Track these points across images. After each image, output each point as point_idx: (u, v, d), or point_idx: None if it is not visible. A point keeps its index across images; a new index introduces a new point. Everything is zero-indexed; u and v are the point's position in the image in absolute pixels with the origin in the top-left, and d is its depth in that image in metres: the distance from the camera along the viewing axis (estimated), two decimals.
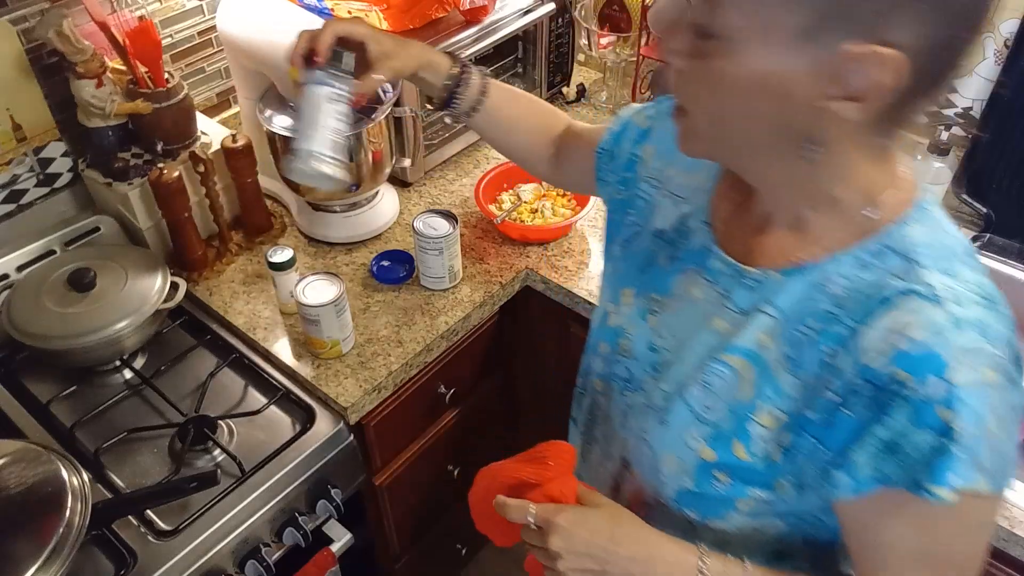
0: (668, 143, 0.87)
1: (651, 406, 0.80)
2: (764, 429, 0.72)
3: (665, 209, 0.86)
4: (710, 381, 0.75)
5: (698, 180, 0.84)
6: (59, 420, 1.26)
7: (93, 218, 1.44)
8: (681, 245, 0.83)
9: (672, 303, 0.82)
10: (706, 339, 0.77)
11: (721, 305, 0.76)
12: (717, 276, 0.78)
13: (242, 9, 1.44)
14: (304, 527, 1.22)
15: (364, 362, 1.32)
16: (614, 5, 1.81)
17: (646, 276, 0.86)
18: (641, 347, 0.84)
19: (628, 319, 0.86)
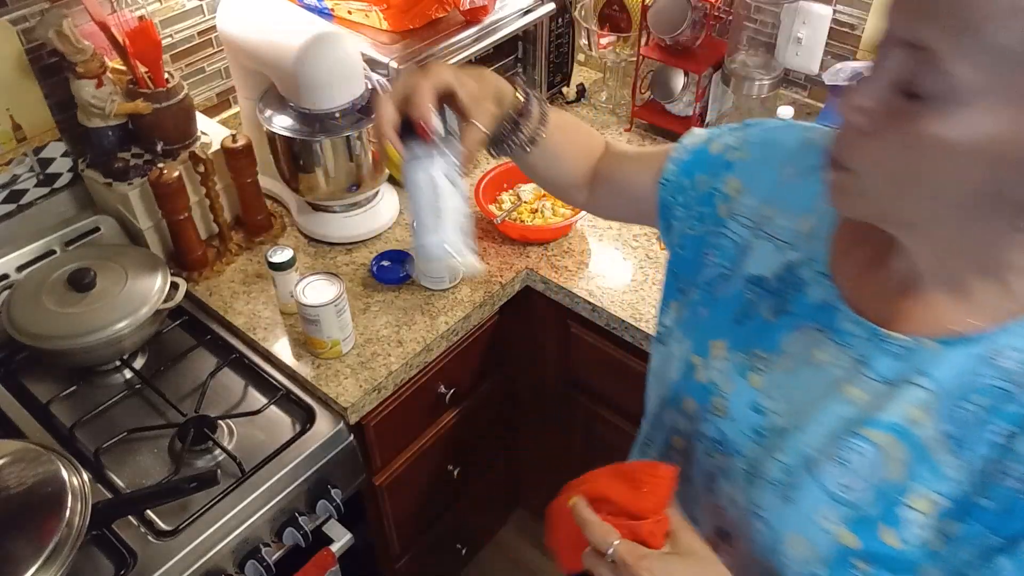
0: (761, 179, 0.79)
1: (765, 478, 0.71)
2: (920, 515, 0.64)
3: (763, 253, 0.77)
4: (848, 458, 0.66)
5: (807, 225, 0.75)
6: (59, 420, 1.26)
7: (93, 218, 1.44)
8: (791, 298, 0.74)
9: (784, 363, 0.73)
10: (838, 409, 0.68)
11: (857, 372, 0.68)
12: (848, 339, 0.69)
13: (242, 9, 1.44)
14: (304, 527, 1.22)
15: (364, 362, 1.32)
16: (614, 5, 1.81)
17: (744, 329, 0.77)
18: (741, 408, 0.75)
19: (723, 376, 0.77)
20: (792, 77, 1.70)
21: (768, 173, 0.79)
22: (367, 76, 1.43)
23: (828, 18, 1.56)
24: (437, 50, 1.52)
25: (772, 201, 0.78)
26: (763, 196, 0.79)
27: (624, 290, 1.43)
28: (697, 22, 1.60)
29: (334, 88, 1.37)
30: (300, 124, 1.40)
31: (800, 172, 0.77)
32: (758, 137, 0.82)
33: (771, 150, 0.80)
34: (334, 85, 1.36)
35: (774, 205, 0.78)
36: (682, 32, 1.59)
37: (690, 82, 1.69)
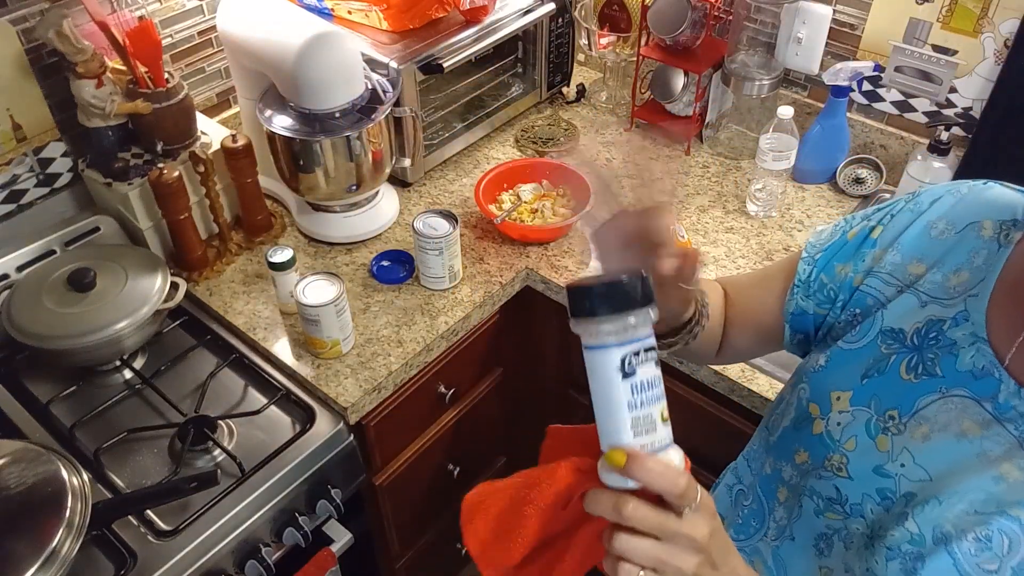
0: (906, 238, 0.74)
1: (890, 546, 0.66)
2: None
3: (904, 306, 0.71)
4: (991, 537, 0.62)
5: (959, 281, 0.69)
6: (59, 420, 1.26)
7: (93, 218, 1.44)
8: (937, 359, 0.68)
9: (922, 429, 0.67)
10: (987, 486, 0.63)
11: (1017, 450, 0.63)
12: (1010, 414, 0.63)
13: (242, 9, 1.44)
14: (304, 527, 1.22)
15: (364, 362, 1.32)
16: (614, 5, 1.81)
17: (873, 384, 0.71)
18: (863, 469, 0.70)
19: (845, 432, 0.71)
20: (792, 77, 1.70)
21: (914, 231, 0.74)
22: (367, 76, 1.43)
23: (828, 18, 1.56)
24: (437, 50, 1.52)
25: (920, 257, 0.72)
26: (909, 253, 0.73)
27: None
28: (697, 22, 1.60)
29: (334, 88, 1.37)
30: (300, 124, 1.40)
31: (955, 229, 0.71)
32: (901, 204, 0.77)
33: (916, 208, 0.75)
34: (334, 85, 1.36)
35: (923, 261, 0.72)
36: (682, 32, 1.59)
37: (690, 82, 1.69)
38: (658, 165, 0.69)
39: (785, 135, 1.51)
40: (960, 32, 1.45)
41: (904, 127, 1.60)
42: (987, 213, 0.70)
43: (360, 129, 1.40)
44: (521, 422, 1.81)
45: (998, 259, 0.68)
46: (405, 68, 1.47)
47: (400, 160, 1.59)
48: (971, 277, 0.68)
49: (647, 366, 0.56)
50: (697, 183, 1.66)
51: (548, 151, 1.74)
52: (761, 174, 1.55)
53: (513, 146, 1.77)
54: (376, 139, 1.44)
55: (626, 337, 0.56)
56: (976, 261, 0.69)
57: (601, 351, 0.56)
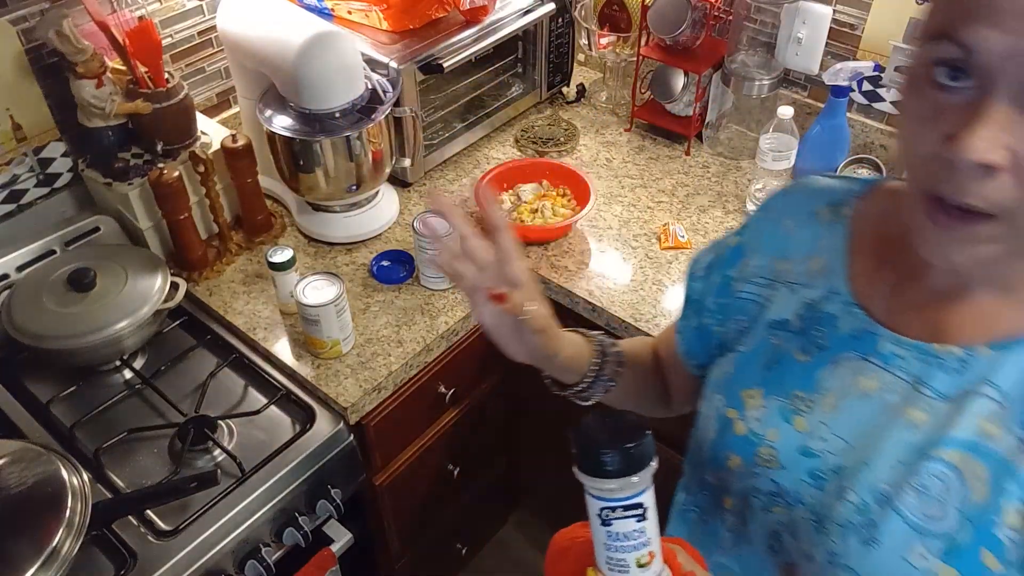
0: (764, 240, 0.80)
1: (838, 523, 0.67)
2: (1015, 532, 0.61)
3: (780, 299, 0.77)
4: (926, 484, 0.63)
5: (817, 265, 0.75)
6: (59, 420, 1.26)
7: (93, 218, 1.44)
8: (822, 334, 0.72)
9: (828, 400, 0.71)
10: (903, 436, 0.66)
11: (914, 394, 0.66)
12: (896, 362, 0.67)
13: (242, 9, 1.44)
14: (304, 527, 1.22)
15: (364, 362, 1.32)
16: (614, 5, 1.81)
17: (776, 374, 0.75)
18: (791, 454, 0.72)
19: (763, 424, 0.74)
20: (792, 77, 1.70)
21: (770, 232, 0.80)
22: (367, 76, 1.43)
23: (828, 18, 1.56)
24: (437, 50, 1.52)
25: (780, 253, 0.78)
26: (771, 252, 0.79)
27: (624, 290, 1.43)
28: (697, 22, 1.60)
29: (334, 88, 1.37)
30: (300, 124, 1.40)
31: (798, 222, 0.78)
32: (757, 213, 0.84)
33: (767, 214, 0.82)
34: (334, 85, 1.36)
35: (783, 256, 0.78)
36: (682, 32, 1.59)
37: (690, 82, 1.69)
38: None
39: (785, 135, 1.51)
40: None
41: None
42: (817, 201, 0.78)
43: (360, 129, 1.40)
44: (521, 422, 1.81)
45: (839, 235, 0.75)
46: (405, 68, 1.47)
47: (400, 160, 1.59)
48: (825, 257, 0.75)
49: (624, 522, 0.61)
50: (697, 183, 1.66)
51: (548, 151, 1.74)
52: (761, 174, 1.55)
53: (513, 146, 1.78)
54: (376, 139, 1.44)
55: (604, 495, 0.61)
56: (823, 243, 0.75)
57: (589, 497, 0.62)
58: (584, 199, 1.54)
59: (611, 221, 1.57)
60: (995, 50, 0.51)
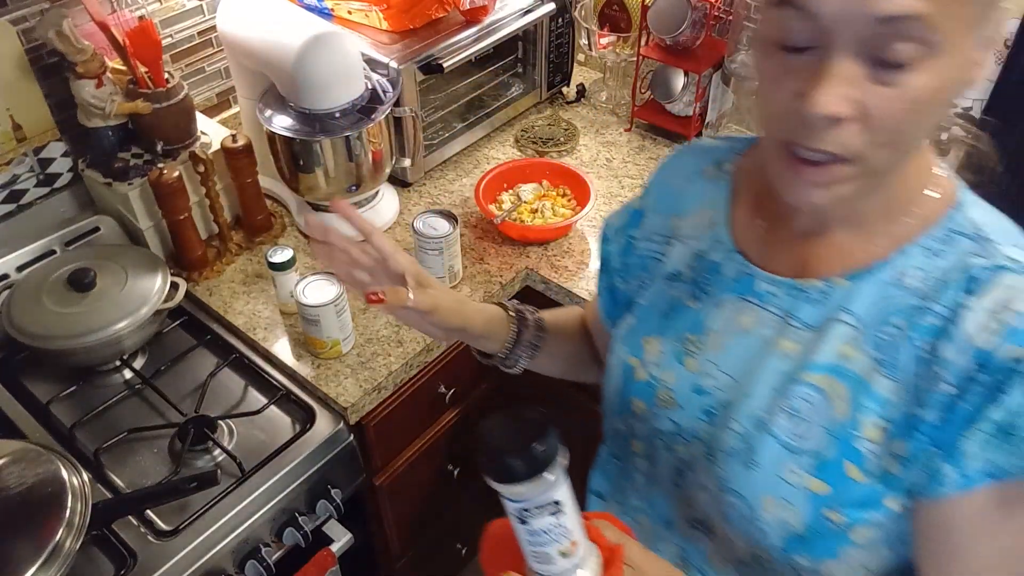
0: (659, 201, 0.87)
1: (725, 451, 0.73)
2: (873, 444, 0.67)
3: (674, 254, 0.83)
4: (796, 407, 0.70)
5: (705, 218, 0.82)
6: (59, 420, 1.26)
7: (93, 218, 1.44)
8: (709, 280, 0.79)
9: (715, 339, 0.77)
10: (775, 365, 0.72)
11: (785, 326, 0.72)
12: (769, 299, 0.74)
13: (242, 9, 1.44)
14: (304, 527, 1.22)
15: (364, 362, 1.32)
16: (614, 5, 1.81)
17: (670, 321, 0.81)
18: (686, 393, 0.78)
19: (661, 368, 0.80)
20: None
21: (664, 192, 0.87)
22: (367, 76, 1.43)
23: None
24: (437, 50, 1.52)
25: (674, 211, 0.85)
26: (666, 211, 0.86)
27: None
28: (697, 22, 1.60)
29: (334, 88, 1.37)
30: (300, 124, 1.40)
31: (685, 179, 0.85)
32: (653, 176, 0.91)
33: (661, 176, 0.89)
34: (334, 85, 1.36)
35: (677, 213, 0.85)
36: (682, 32, 1.59)
37: (690, 82, 1.69)
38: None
39: None
40: None
41: None
42: (703, 161, 0.85)
43: (360, 129, 1.40)
44: None
45: (723, 190, 0.82)
46: (405, 68, 1.47)
47: (400, 160, 1.59)
48: (711, 211, 0.81)
49: (541, 519, 0.63)
50: None
51: (548, 151, 1.74)
52: None
53: (513, 146, 1.78)
54: (376, 139, 1.44)
55: (517, 498, 0.62)
56: (709, 197, 0.82)
57: (504, 499, 0.63)
58: (584, 199, 1.54)
59: None
60: (828, 11, 0.55)
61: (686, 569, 0.82)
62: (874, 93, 0.57)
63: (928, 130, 0.63)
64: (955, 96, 0.61)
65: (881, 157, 0.61)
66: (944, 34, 0.55)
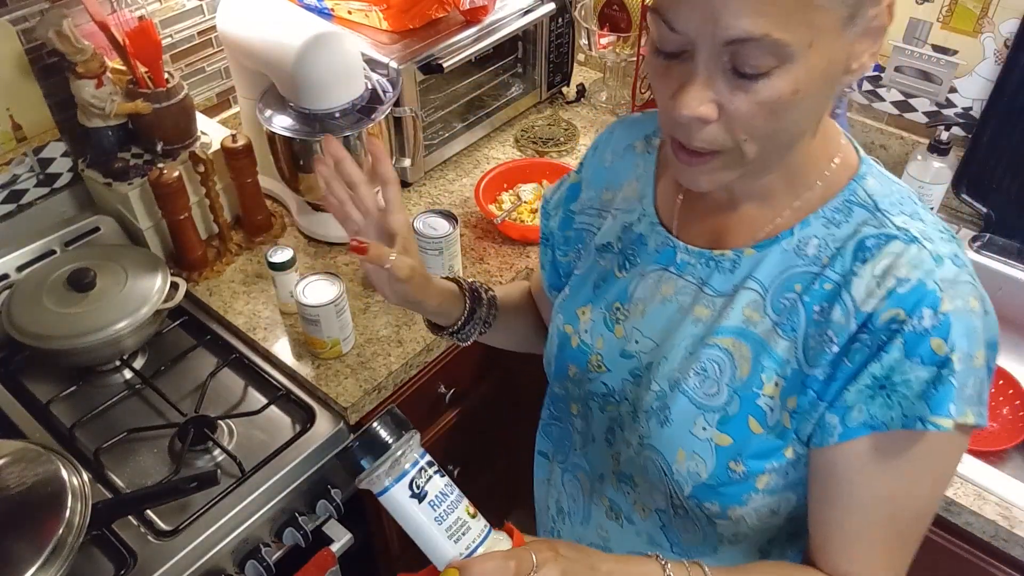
0: (592, 175, 0.91)
1: (645, 409, 0.79)
2: (770, 399, 0.72)
3: (606, 227, 0.88)
4: (705, 367, 0.75)
5: (632, 191, 0.86)
6: (59, 420, 1.26)
7: (93, 218, 1.44)
8: (634, 252, 0.84)
9: (639, 307, 0.82)
10: (690, 330, 0.77)
11: (700, 293, 0.77)
12: (687, 269, 0.79)
13: (242, 9, 1.44)
14: (304, 527, 1.22)
15: (364, 362, 1.32)
16: (614, 5, 1.81)
17: (601, 291, 0.86)
18: (614, 358, 0.83)
19: (592, 335, 0.86)
20: None
21: (597, 167, 0.91)
22: (367, 76, 1.43)
23: None
24: (437, 50, 1.52)
25: (605, 185, 0.90)
26: (599, 185, 0.90)
27: None
28: None
29: (334, 88, 1.37)
30: (300, 124, 1.40)
31: (616, 153, 0.89)
32: (588, 151, 0.94)
33: (595, 151, 0.93)
34: (334, 85, 1.36)
35: (608, 187, 0.89)
36: None
37: None
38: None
39: None
40: (960, 32, 1.45)
41: (904, 127, 1.60)
42: (634, 135, 0.88)
43: (360, 129, 1.40)
44: (521, 423, 1.81)
45: (651, 163, 0.85)
46: (405, 68, 1.47)
47: (400, 160, 1.59)
48: (639, 184, 0.85)
49: (432, 481, 0.64)
50: None
51: (548, 151, 1.74)
52: None
53: (513, 146, 1.78)
54: (376, 139, 1.44)
55: (400, 470, 0.63)
56: (638, 171, 0.86)
57: (390, 491, 0.64)
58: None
59: None
60: (686, 30, 0.60)
61: (616, 519, 0.90)
62: (732, 97, 0.61)
63: (807, 118, 0.66)
64: (833, 84, 0.64)
65: (751, 149, 0.65)
66: (798, 45, 0.58)
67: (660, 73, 0.65)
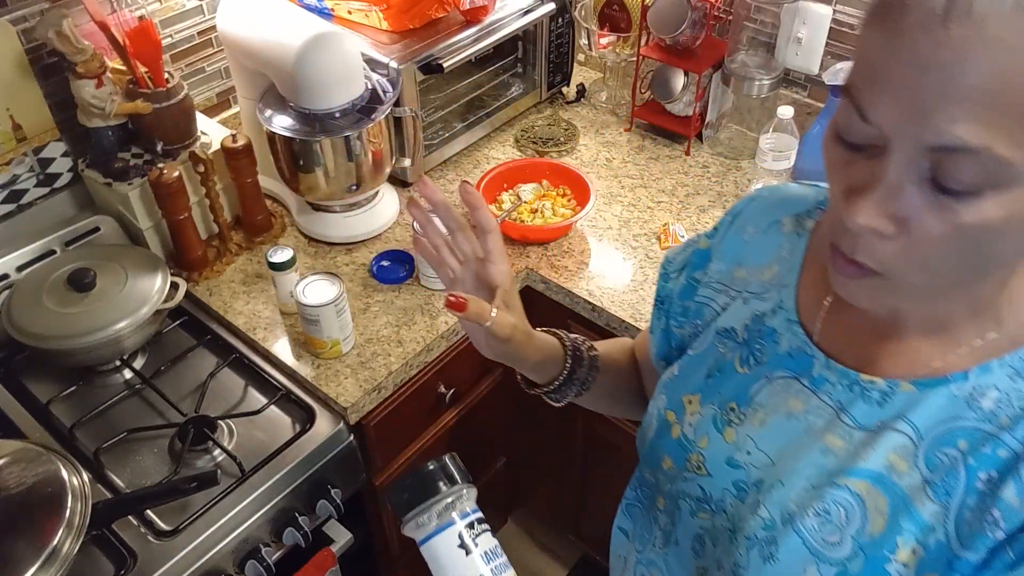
0: (727, 247, 0.80)
1: (747, 535, 0.68)
2: (904, 568, 0.61)
3: (733, 309, 0.77)
4: (829, 510, 0.63)
5: (771, 274, 0.75)
6: (59, 420, 1.26)
7: (93, 218, 1.44)
8: (763, 348, 0.72)
9: (759, 415, 0.71)
10: (818, 460, 0.66)
11: (836, 420, 0.66)
12: (825, 386, 0.67)
13: (242, 9, 1.44)
14: (304, 527, 1.22)
15: (364, 362, 1.32)
16: (614, 5, 1.81)
17: (715, 382, 0.75)
18: (718, 464, 0.72)
19: (696, 431, 0.75)
20: (792, 77, 1.69)
21: (733, 238, 0.80)
22: (367, 76, 1.43)
23: (828, 18, 1.56)
24: (437, 50, 1.52)
25: (739, 261, 0.78)
26: (730, 260, 0.79)
27: (624, 290, 1.43)
28: (697, 22, 1.60)
29: (334, 88, 1.37)
30: (300, 124, 1.40)
31: (760, 229, 0.78)
32: (725, 217, 0.83)
33: (733, 219, 0.81)
34: (334, 85, 1.36)
35: (742, 264, 0.78)
36: (682, 32, 1.58)
37: (690, 82, 1.69)
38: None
39: (785, 135, 1.51)
40: None
41: None
42: (784, 210, 0.76)
43: (360, 129, 1.40)
44: (521, 423, 1.81)
45: (798, 248, 0.74)
46: (405, 68, 1.47)
47: (400, 160, 1.59)
48: (780, 269, 0.74)
49: (484, 537, 0.58)
50: (697, 183, 1.66)
51: (548, 151, 1.74)
52: (761, 174, 1.54)
53: (513, 146, 1.78)
54: (376, 139, 1.44)
55: (449, 517, 0.59)
56: (782, 254, 0.74)
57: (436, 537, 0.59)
58: (584, 199, 1.54)
59: (611, 221, 1.57)
60: (888, 119, 0.49)
61: None
62: (925, 215, 0.50)
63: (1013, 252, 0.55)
64: None
65: (921, 279, 0.54)
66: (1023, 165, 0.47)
67: (837, 163, 0.54)
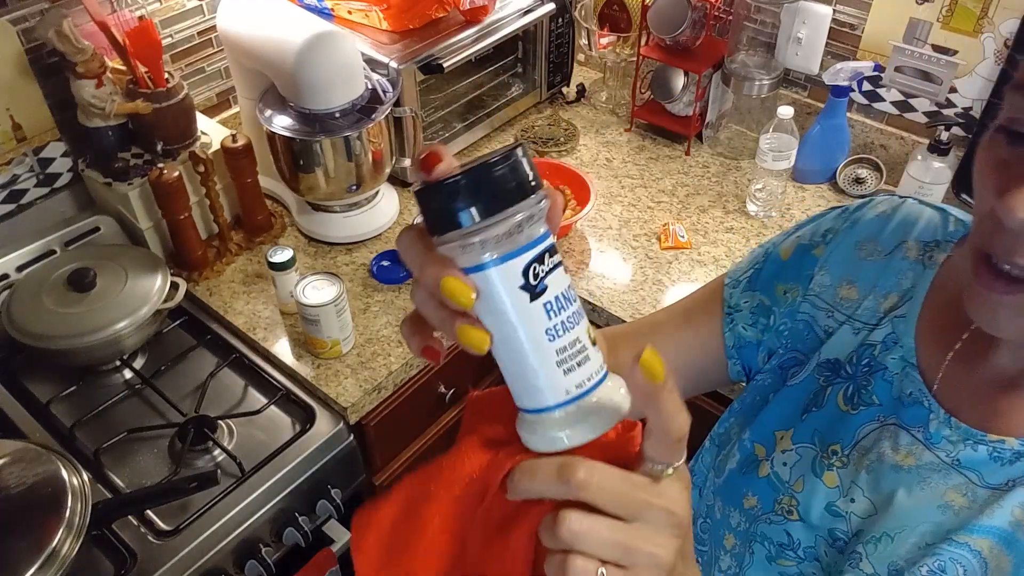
0: (837, 258, 0.71)
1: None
2: None
3: (838, 336, 0.69)
4: (944, 568, 0.58)
5: (889, 305, 0.67)
6: (59, 420, 1.26)
7: (93, 218, 1.44)
8: (868, 386, 0.66)
9: (863, 460, 0.64)
10: (932, 515, 0.60)
11: (954, 475, 0.60)
12: (941, 442, 0.61)
13: (242, 9, 1.44)
14: (304, 527, 1.22)
15: (364, 362, 1.32)
16: (614, 5, 1.81)
17: (812, 419, 0.68)
18: (815, 510, 0.65)
19: (791, 471, 0.67)
20: (792, 77, 1.70)
21: (842, 251, 0.71)
22: (367, 76, 1.43)
23: (828, 18, 1.56)
24: (437, 50, 1.52)
25: (850, 279, 0.70)
26: (839, 275, 0.70)
27: (624, 290, 1.43)
28: (697, 22, 1.60)
29: (334, 88, 1.37)
30: (300, 124, 1.40)
31: (880, 248, 0.69)
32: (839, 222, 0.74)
33: (851, 227, 0.72)
34: (334, 85, 1.36)
35: (853, 284, 0.69)
36: (682, 32, 1.58)
37: (690, 82, 1.69)
38: None
39: (785, 135, 1.51)
40: (960, 32, 1.45)
41: (904, 127, 1.60)
42: (911, 233, 0.69)
43: (360, 129, 1.40)
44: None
45: (924, 280, 0.66)
46: (405, 68, 1.47)
47: (400, 160, 1.59)
48: (899, 299, 0.67)
49: (556, 274, 0.40)
50: (697, 183, 1.66)
51: (548, 151, 1.74)
52: (761, 174, 1.55)
53: None
54: (376, 139, 1.44)
55: (520, 241, 0.39)
56: (904, 283, 0.67)
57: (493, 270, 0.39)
58: (584, 199, 1.54)
59: (611, 221, 1.57)
60: None
61: None
62: None
63: None
64: None
65: None
66: None
67: (997, 163, 0.50)
